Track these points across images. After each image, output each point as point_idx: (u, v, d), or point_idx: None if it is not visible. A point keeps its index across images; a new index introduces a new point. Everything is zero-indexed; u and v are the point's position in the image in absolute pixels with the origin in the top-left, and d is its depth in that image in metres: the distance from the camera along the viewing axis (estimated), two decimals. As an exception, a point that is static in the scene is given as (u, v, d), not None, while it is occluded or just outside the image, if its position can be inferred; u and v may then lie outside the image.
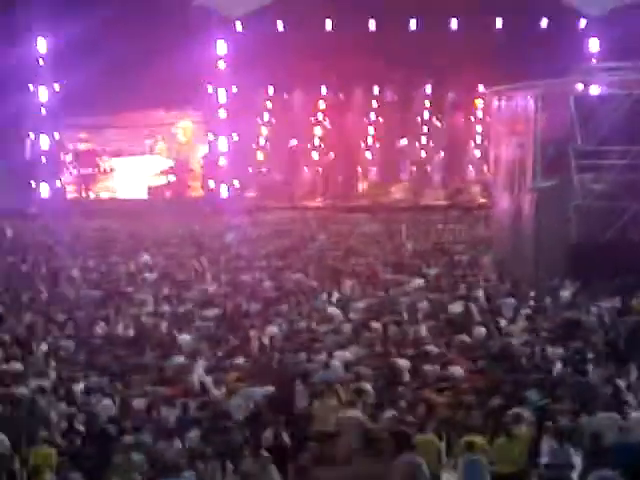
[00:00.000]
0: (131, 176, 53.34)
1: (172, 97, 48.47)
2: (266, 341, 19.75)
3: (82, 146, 53.58)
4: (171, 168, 53.18)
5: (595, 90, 30.33)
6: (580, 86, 29.62)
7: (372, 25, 49.47)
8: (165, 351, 18.89)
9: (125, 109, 50.82)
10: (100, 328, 21.37)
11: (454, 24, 49.70)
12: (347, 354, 18.52)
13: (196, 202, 50.98)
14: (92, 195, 53.53)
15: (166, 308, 23.30)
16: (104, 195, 53.50)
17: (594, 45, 49.09)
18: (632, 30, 42.56)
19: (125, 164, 53.45)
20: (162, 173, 53.38)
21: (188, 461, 13.67)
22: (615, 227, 26.55)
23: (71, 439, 14.71)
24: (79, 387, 16.73)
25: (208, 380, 17.02)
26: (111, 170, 53.55)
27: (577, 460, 14.09)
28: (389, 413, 15.09)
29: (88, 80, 43.94)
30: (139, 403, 15.81)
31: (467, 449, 13.72)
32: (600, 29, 47.97)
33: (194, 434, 14.53)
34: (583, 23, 49.16)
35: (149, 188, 53.25)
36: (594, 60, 44.76)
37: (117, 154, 53.39)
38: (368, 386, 16.34)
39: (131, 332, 21.08)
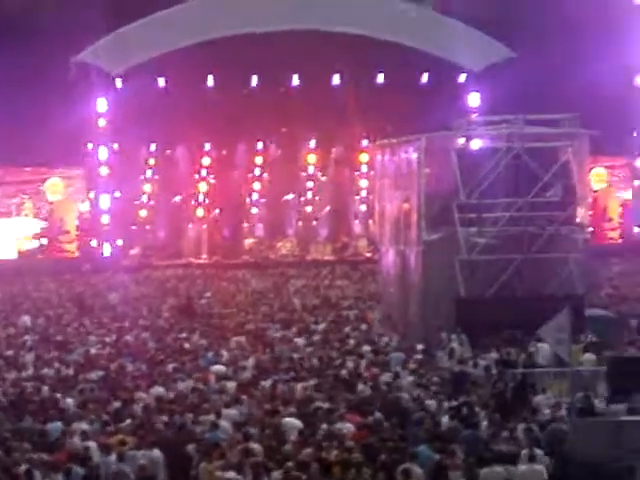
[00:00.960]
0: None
1: (48, 154, 47.63)
2: (152, 402, 19.28)
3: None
4: (42, 229, 51.37)
5: (476, 144, 30.74)
6: (461, 140, 29.98)
7: (254, 81, 49.54)
8: (47, 415, 18.28)
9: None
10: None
11: (336, 79, 50.14)
12: (235, 414, 18.20)
13: (76, 262, 49.88)
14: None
15: (47, 371, 22.61)
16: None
17: (474, 99, 49.96)
18: (511, 84, 43.47)
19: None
20: (33, 236, 51.27)
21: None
22: (500, 281, 26.79)
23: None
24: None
25: (92, 444, 16.47)
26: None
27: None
28: (277, 474, 14.77)
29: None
30: (20, 470, 15.18)
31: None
32: (480, 83, 48.88)
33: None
34: (463, 77, 49.99)
35: (19, 252, 51.23)
36: (474, 114, 45.51)
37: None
38: (256, 446, 16.01)
39: (11, 397, 20.35)
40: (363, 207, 55.47)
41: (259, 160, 55.09)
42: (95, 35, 46.64)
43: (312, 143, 54.87)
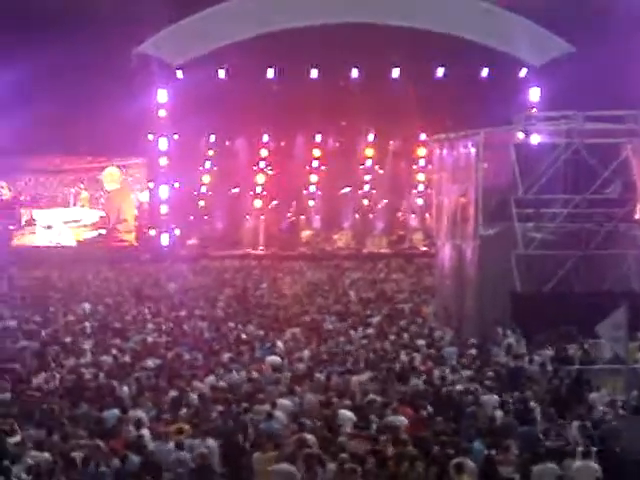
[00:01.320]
0: (57, 229, 51.70)
1: (108, 144, 48.18)
2: (207, 392, 19.47)
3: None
4: (101, 218, 51.92)
5: (536, 139, 30.60)
6: (521, 135, 29.87)
7: (314, 73, 49.64)
8: (103, 403, 18.52)
9: (55, 154, 50.43)
10: (37, 379, 20.90)
11: (396, 73, 50.03)
12: (290, 404, 18.32)
13: (134, 251, 50.37)
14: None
15: (105, 358, 22.89)
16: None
17: (534, 94, 49.68)
18: (572, 79, 43.13)
19: (48, 216, 51.55)
20: (92, 226, 51.74)
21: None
22: (557, 277, 26.67)
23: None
24: (15, 440, 16.30)
25: (147, 432, 16.68)
26: (32, 222, 51.60)
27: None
28: (331, 466, 14.87)
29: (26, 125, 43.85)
30: (76, 456, 15.41)
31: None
32: (540, 78, 48.58)
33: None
34: (523, 72, 49.72)
35: (78, 241, 51.67)
36: (534, 109, 45.22)
37: (36, 202, 51.46)
38: (310, 437, 16.11)
39: (69, 383, 20.63)
40: (420, 201, 55.40)
41: (317, 152, 55.19)
42: (156, 27, 46.97)
43: (370, 136, 54.89)
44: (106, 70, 44.41)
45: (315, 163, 55.57)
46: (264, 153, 54.54)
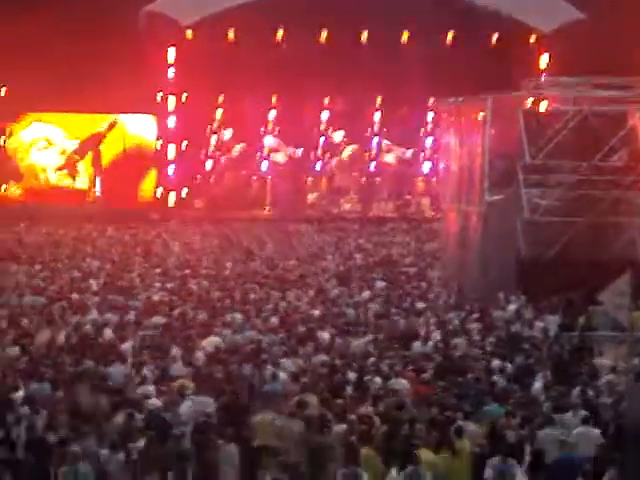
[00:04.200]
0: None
1: (117, 101, 48.15)
2: (212, 351, 19.61)
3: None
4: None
5: (544, 105, 30.56)
6: (529, 101, 29.83)
7: (324, 36, 49.49)
8: (108, 359, 18.66)
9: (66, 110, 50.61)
10: (43, 335, 21.04)
11: (405, 37, 49.86)
12: (292, 365, 18.45)
13: (141, 210, 50.47)
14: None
15: (110, 316, 23.02)
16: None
17: (544, 60, 49.50)
18: (581, 46, 43.01)
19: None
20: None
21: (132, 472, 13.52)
22: (562, 243, 26.71)
23: (9, 448, 14.45)
24: (19, 395, 16.46)
25: (152, 389, 16.83)
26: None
27: (520, 476, 14.10)
28: (339, 427, 14.97)
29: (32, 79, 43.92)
30: (81, 411, 15.57)
31: (411, 462, 13.63)
32: (550, 44, 48.40)
33: (139, 444, 14.33)
34: (533, 38, 49.52)
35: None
36: (544, 76, 45.11)
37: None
38: (313, 398, 16.24)
39: (74, 339, 20.78)
40: (427, 165, 55.32)
41: (325, 115, 55.07)
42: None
43: (378, 100, 54.75)
44: (115, 28, 44.40)
45: (323, 126, 55.42)
46: (272, 114, 54.42)
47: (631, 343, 18.41)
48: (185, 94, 50.36)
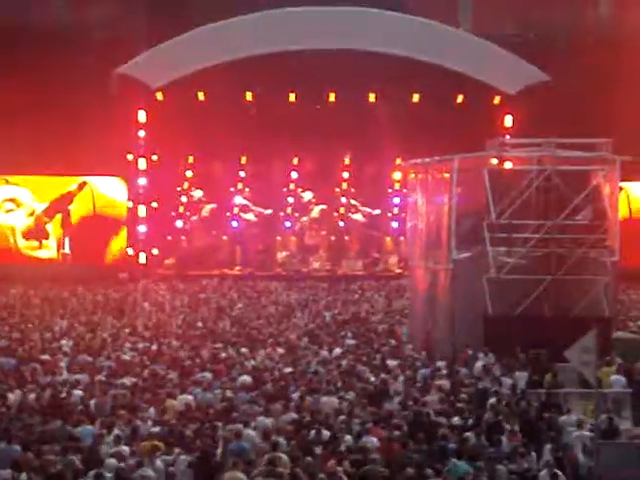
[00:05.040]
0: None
1: (87, 164, 48.49)
2: (182, 410, 19.69)
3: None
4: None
5: (509, 165, 31.06)
6: (494, 161, 30.31)
7: (292, 97, 50.10)
8: (79, 419, 18.70)
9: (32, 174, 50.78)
10: (13, 396, 21.05)
11: (372, 98, 50.54)
12: (265, 423, 18.56)
13: (112, 269, 50.53)
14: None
15: (81, 376, 23.06)
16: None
17: (508, 121, 50.24)
18: (545, 107, 43.71)
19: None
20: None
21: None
22: (528, 301, 27.03)
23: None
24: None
25: (123, 449, 16.89)
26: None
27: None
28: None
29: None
30: (51, 471, 15.59)
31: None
32: (514, 106, 49.15)
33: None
34: (497, 99, 50.31)
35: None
36: (508, 136, 45.75)
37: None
38: (284, 456, 16.36)
39: (44, 400, 20.80)
40: (395, 224, 55.75)
41: (294, 175, 55.52)
42: (136, 49, 47.41)
43: (346, 160, 55.29)
44: (85, 91, 44.73)
45: (292, 185, 55.85)
46: (242, 175, 54.81)
47: (598, 399, 18.66)
48: (155, 155, 50.69)
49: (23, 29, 46.64)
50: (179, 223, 54.47)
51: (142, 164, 50.21)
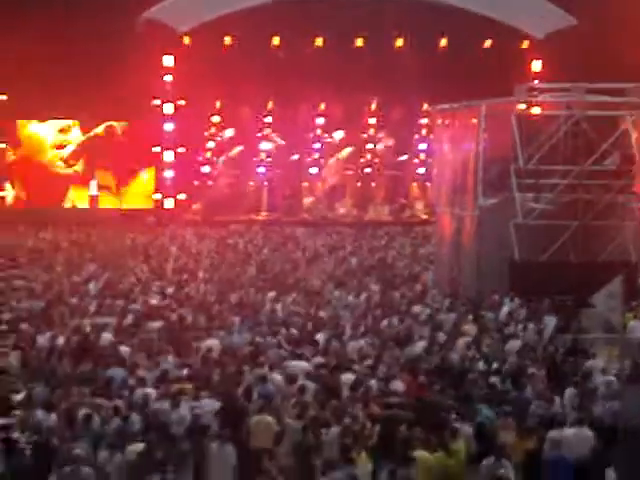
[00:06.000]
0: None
1: (115, 108, 48.62)
2: (210, 354, 19.83)
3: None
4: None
5: (537, 110, 30.84)
6: (522, 106, 30.10)
7: (319, 42, 49.88)
8: (107, 362, 18.88)
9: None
10: (42, 338, 21.26)
11: (399, 43, 50.26)
12: (290, 368, 18.67)
13: (139, 214, 50.86)
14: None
15: (109, 319, 23.25)
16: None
17: (536, 66, 49.87)
18: (573, 52, 43.31)
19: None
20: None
21: (129, 475, 13.73)
22: (555, 246, 26.98)
23: (10, 450, 14.66)
24: (19, 397, 16.70)
25: (150, 392, 17.06)
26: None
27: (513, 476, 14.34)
28: (335, 429, 15.21)
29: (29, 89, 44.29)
30: (80, 414, 15.78)
31: (407, 463, 13.86)
32: (542, 50, 48.76)
33: (136, 446, 14.57)
34: (526, 44, 49.91)
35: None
36: (536, 81, 45.39)
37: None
38: (311, 400, 16.48)
39: (73, 343, 20.99)
40: (422, 170, 55.60)
41: (321, 120, 55.33)
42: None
43: (373, 105, 55.04)
44: (112, 35, 44.68)
45: (318, 131, 55.69)
46: (269, 120, 54.68)
47: (623, 345, 18.67)
48: (182, 100, 50.64)
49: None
50: (206, 168, 54.48)
51: (169, 109, 50.20)
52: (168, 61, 49.56)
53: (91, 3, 45.32)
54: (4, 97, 49.75)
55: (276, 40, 49.94)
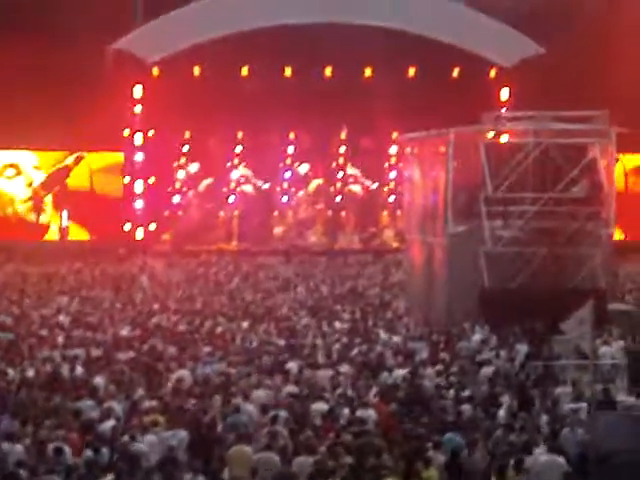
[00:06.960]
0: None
1: (85, 140, 48.60)
2: (181, 384, 19.76)
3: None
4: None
5: (505, 138, 31.08)
6: (491, 134, 30.33)
7: (288, 72, 50.07)
8: (78, 394, 18.76)
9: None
10: (13, 371, 21.12)
11: (369, 72, 50.54)
12: (262, 397, 18.63)
13: (110, 245, 50.66)
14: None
15: (79, 351, 23.13)
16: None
17: (504, 94, 50.26)
18: (541, 80, 43.68)
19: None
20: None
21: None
22: (524, 273, 27.11)
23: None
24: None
25: (121, 423, 16.96)
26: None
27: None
28: (305, 459, 15.15)
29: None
30: (50, 447, 15.67)
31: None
32: (510, 79, 49.17)
33: (107, 479, 14.46)
34: (493, 73, 50.31)
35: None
36: (504, 109, 45.72)
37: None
38: (283, 429, 16.44)
39: (44, 375, 20.86)
40: (391, 198, 55.75)
41: (291, 150, 55.44)
42: (132, 24, 47.35)
43: (343, 134, 55.22)
44: (81, 67, 44.68)
45: (289, 160, 55.78)
46: (238, 150, 54.73)
47: (594, 371, 18.74)
48: (152, 130, 50.65)
49: (15, 5, 46.45)
50: (176, 198, 54.42)
51: (138, 139, 50.17)
52: (137, 92, 49.56)
53: (59, 34, 45.28)
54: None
55: (245, 70, 50.08)
